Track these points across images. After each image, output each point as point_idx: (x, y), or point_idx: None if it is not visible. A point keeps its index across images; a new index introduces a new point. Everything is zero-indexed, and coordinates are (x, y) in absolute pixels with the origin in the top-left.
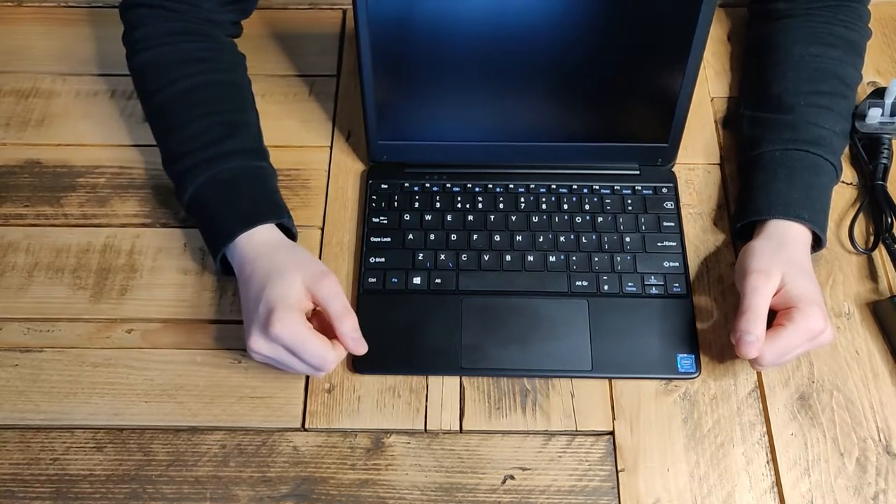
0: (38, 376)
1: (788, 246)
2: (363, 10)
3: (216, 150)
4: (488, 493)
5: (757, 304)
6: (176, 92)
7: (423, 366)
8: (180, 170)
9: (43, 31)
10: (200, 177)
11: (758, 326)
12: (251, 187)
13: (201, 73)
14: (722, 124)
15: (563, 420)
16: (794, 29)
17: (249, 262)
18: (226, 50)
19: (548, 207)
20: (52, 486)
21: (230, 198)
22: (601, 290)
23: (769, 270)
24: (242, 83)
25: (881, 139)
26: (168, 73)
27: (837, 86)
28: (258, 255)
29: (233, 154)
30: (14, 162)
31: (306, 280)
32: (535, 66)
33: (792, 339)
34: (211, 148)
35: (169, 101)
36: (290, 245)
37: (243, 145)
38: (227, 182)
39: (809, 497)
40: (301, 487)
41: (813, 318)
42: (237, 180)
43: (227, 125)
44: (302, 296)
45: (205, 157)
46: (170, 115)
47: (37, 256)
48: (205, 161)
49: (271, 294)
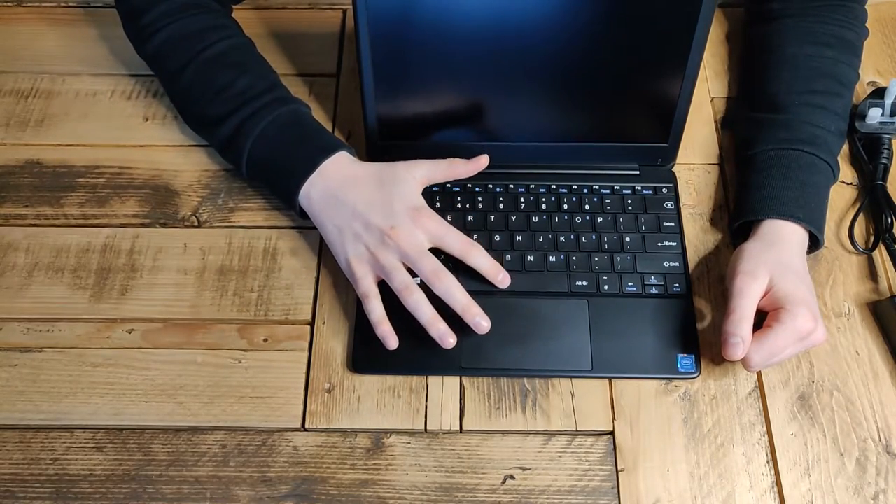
0: (38, 376)
1: (778, 246)
2: (363, 9)
3: (271, 97)
4: (488, 493)
5: (742, 305)
6: (209, 57)
7: (423, 366)
8: (236, 122)
9: (43, 31)
10: (262, 122)
11: (742, 328)
12: (316, 125)
13: (227, 38)
14: (721, 124)
15: (563, 420)
16: (790, 28)
17: (350, 178)
18: (230, 18)
19: (548, 207)
20: (52, 486)
21: (300, 135)
22: (601, 290)
23: (755, 272)
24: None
25: (881, 139)
26: (195, 42)
27: (832, 85)
28: (354, 171)
29: (286, 99)
30: (14, 162)
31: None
32: (535, 66)
33: (779, 340)
34: (265, 96)
35: (204, 67)
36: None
37: (289, 94)
38: (292, 123)
39: (809, 497)
40: (301, 487)
41: (800, 318)
42: (300, 121)
43: (268, 80)
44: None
45: (261, 105)
46: (208, 80)
47: (37, 256)
48: (263, 107)
49: (407, 192)
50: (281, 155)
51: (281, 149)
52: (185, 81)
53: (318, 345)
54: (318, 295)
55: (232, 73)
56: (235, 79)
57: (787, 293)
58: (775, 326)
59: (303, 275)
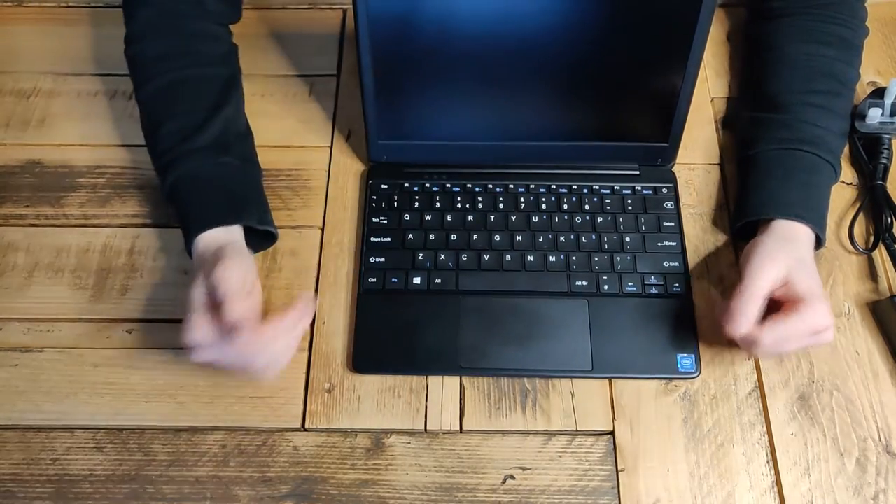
0: (38, 376)
1: (793, 243)
2: (363, 10)
3: (179, 151)
4: (488, 493)
5: (756, 285)
6: (150, 92)
7: (423, 366)
8: (157, 167)
9: (43, 31)
10: (168, 179)
11: (750, 307)
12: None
13: (171, 72)
14: (722, 124)
15: (563, 420)
16: (790, 28)
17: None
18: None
19: (548, 207)
20: (52, 486)
21: (183, 205)
22: (601, 290)
23: (775, 257)
24: (218, 75)
25: (881, 139)
26: (144, 73)
27: (833, 84)
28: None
29: (193, 153)
30: (14, 162)
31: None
32: (535, 65)
33: (796, 327)
34: (179, 146)
35: (147, 100)
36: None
37: (205, 142)
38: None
39: (809, 497)
40: (301, 487)
41: (820, 313)
42: (192, 183)
43: (191, 126)
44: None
45: (168, 161)
46: (146, 115)
47: (37, 256)
48: (169, 163)
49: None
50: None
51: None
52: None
53: (318, 345)
54: (318, 295)
55: (161, 114)
56: (162, 121)
57: (808, 287)
58: (793, 315)
59: (303, 275)
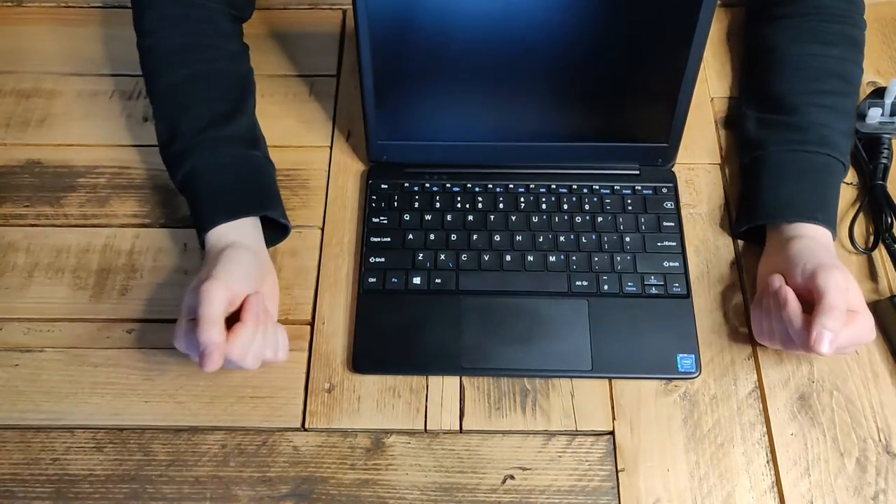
0: (38, 376)
1: (827, 247)
2: (363, 10)
3: (204, 137)
4: (488, 493)
5: (841, 302)
6: (174, 81)
7: (423, 366)
8: (175, 151)
9: (43, 31)
10: (186, 164)
11: (839, 323)
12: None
13: (198, 63)
14: (722, 124)
15: (563, 420)
16: (792, 28)
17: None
18: (224, 37)
19: (548, 207)
20: (52, 486)
21: (206, 191)
22: (601, 290)
23: (839, 266)
24: (240, 71)
25: (881, 139)
26: (166, 62)
27: (839, 84)
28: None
29: (223, 140)
30: (14, 162)
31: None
32: (535, 65)
33: (864, 328)
34: (206, 132)
35: (168, 89)
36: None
37: (235, 133)
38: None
39: (809, 497)
40: (301, 487)
41: (871, 319)
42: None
43: (221, 115)
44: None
45: (197, 142)
46: (167, 104)
47: (37, 256)
48: (191, 148)
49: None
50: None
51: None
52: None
53: (318, 345)
54: (318, 295)
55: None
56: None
57: (855, 293)
58: (863, 315)
59: (303, 275)
